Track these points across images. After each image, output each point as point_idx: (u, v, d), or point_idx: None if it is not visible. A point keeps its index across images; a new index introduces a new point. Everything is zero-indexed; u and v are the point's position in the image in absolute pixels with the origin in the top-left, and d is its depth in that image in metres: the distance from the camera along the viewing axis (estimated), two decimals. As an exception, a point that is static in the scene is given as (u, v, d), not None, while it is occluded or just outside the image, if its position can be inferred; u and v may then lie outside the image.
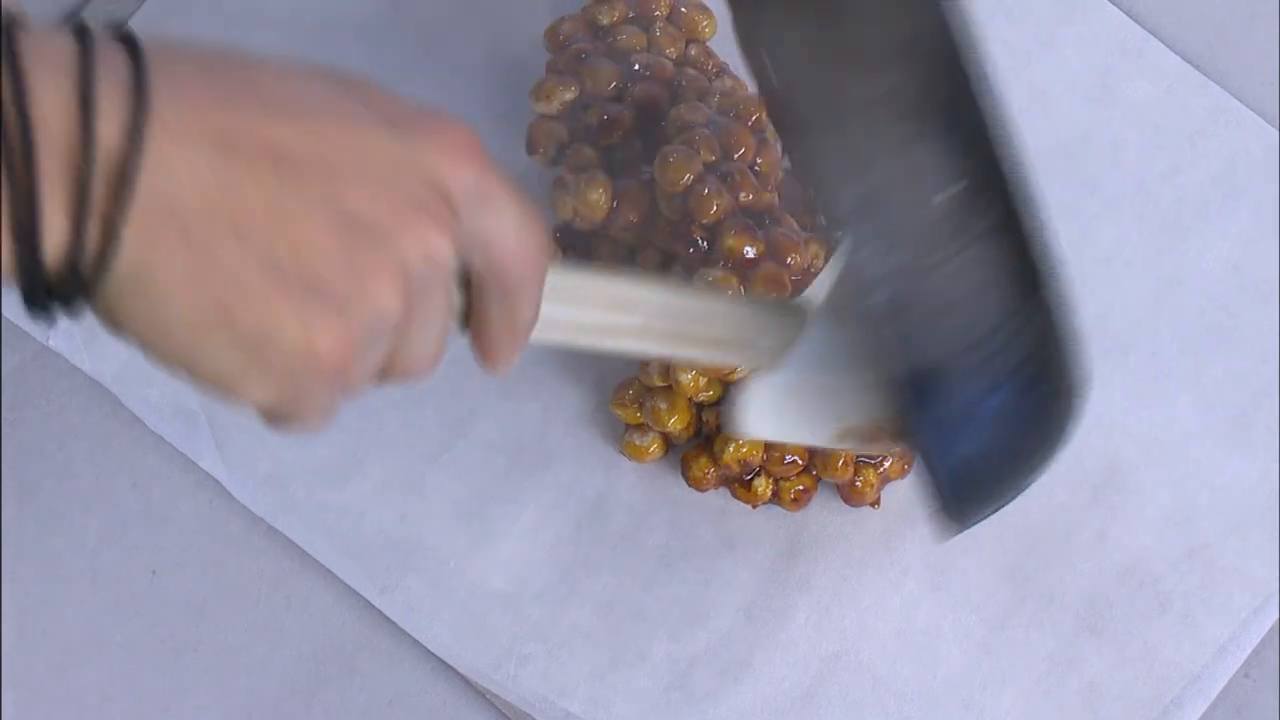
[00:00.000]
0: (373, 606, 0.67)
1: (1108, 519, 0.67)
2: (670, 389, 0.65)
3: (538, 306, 0.48)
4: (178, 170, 0.39)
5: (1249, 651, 0.66)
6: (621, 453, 0.67)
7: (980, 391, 0.50)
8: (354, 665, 0.67)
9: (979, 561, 0.67)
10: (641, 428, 0.67)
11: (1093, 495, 0.67)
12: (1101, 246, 0.69)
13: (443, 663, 0.66)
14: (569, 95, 0.68)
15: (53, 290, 0.39)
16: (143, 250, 0.39)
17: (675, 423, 0.65)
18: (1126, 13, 0.71)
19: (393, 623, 0.67)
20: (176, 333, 0.40)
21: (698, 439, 0.67)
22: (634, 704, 0.65)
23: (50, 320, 0.40)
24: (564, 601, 0.66)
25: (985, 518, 0.56)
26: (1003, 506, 0.56)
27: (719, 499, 0.67)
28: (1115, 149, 0.70)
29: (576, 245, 0.68)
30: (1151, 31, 0.71)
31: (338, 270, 0.41)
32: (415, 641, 0.67)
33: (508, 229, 0.45)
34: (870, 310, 0.48)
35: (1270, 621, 0.66)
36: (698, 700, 0.65)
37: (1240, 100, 0.70)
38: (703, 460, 0.66)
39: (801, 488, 0.66)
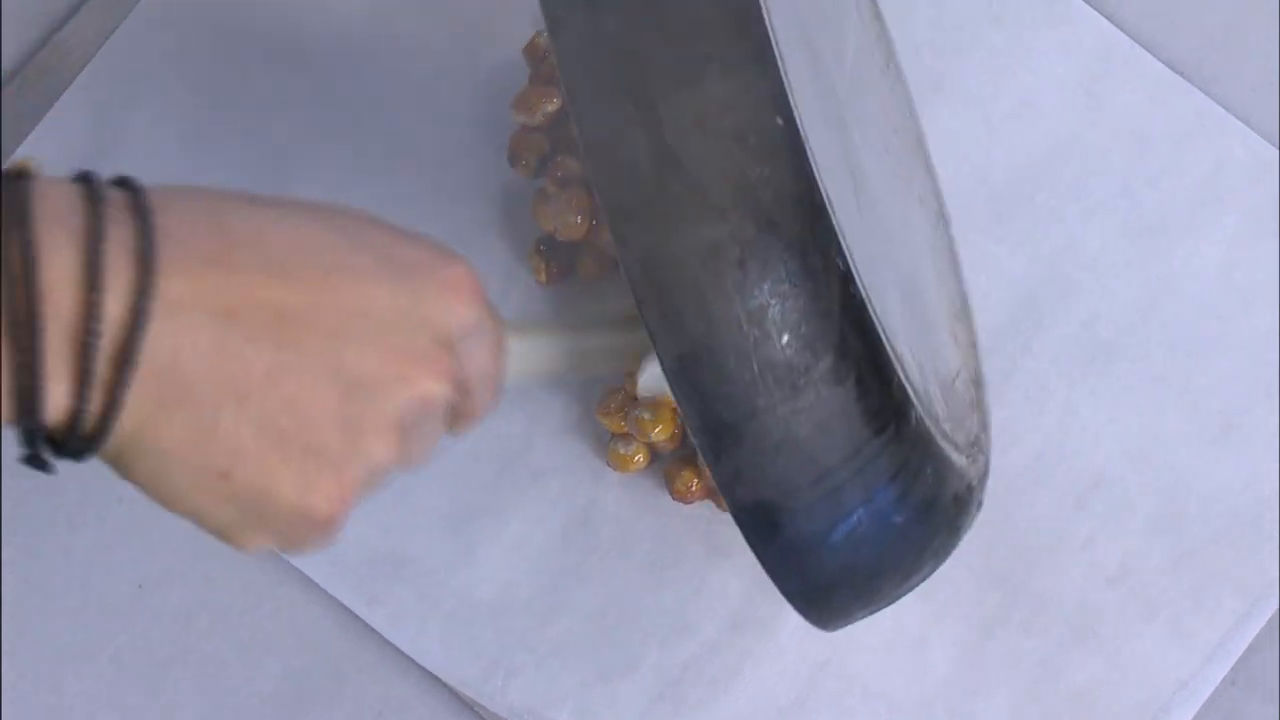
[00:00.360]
0: (359, 619, 0.67)
1: (1095, 526, 0.67)
2: (654, 399, 0.65)
3: (498, 395, 0.49)
4: (181, 340, 0.40)
5: (1236, 658, 0.66)
6: (607, 462, 0.67)
7: (827, 522, 0.49)
8: (341, 678, 0.67)
9: (968, 570, 0.66)
10: (626, 437, 0.67)
11: (1079, 502, 0.67)
12: (1087, 252, 0.69)
13: (430, 675, 0.66)
14: (551, 107, 0.68)
15: (54, 445, 0.40)
16: (144, 415, 0.40)
17: (660, 433, 0.65)
18: (1112, 20, 0.71)
19: (380, 635, 0.67)
20: (177, 489, 0.42)
21: (683, 449, 0.67)
22: (623, 714, 0.65)
23: (48, 470, 0.41)
24: (552, 612, 0.66)
25: (860, 618, 0.54)
26: (875, 611, 0.54)
27: (706, 508, 0.67)
28: (1101, 155, 0.70)
29: (559, 258, 0.68)
30: (1136, 38, 0.71)
31: (335, 429, 0.42)
32: (403, 654, 0.66)
33: (490, 353, 0.47)
34: (704, 445, 0.47)
35: (1258, 628, 0.66)
36: (687, 710, 0.65)
37: (1225, 107, 0.70)
38: (686, 474, 0.66)
39: None
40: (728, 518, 0.66)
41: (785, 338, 0.46)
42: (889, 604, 0.54)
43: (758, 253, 0.45)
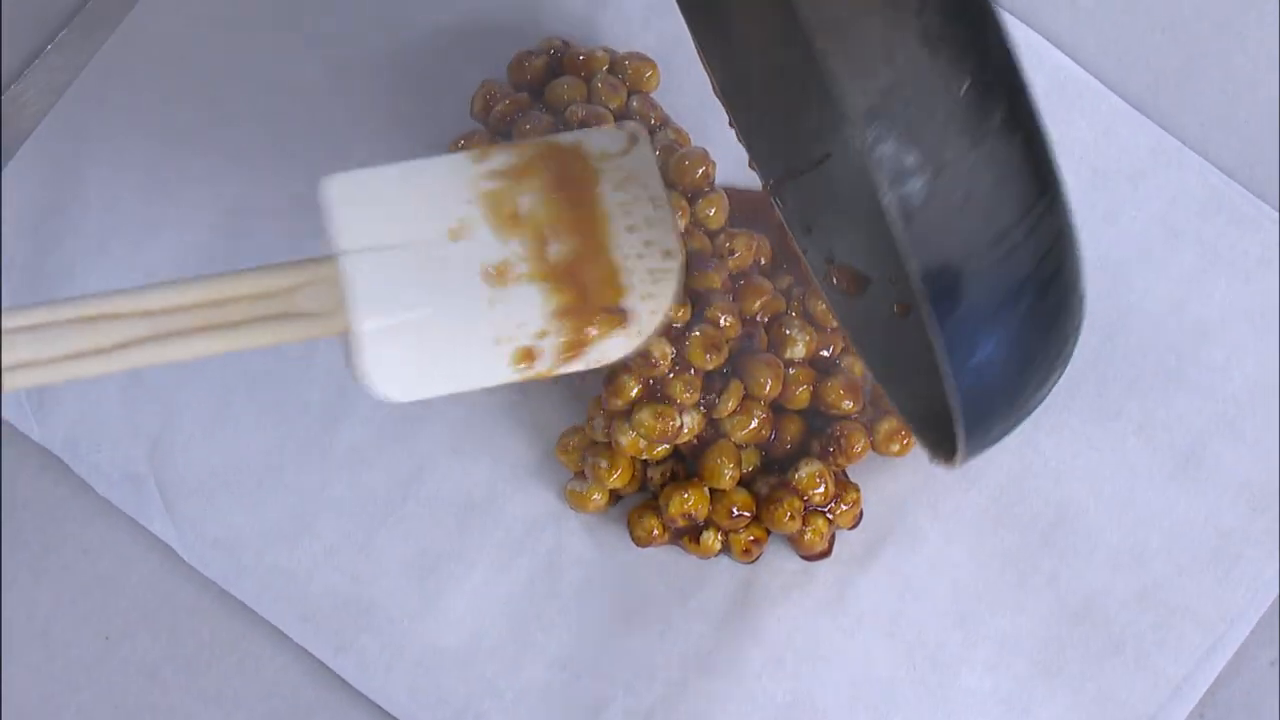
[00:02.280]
0: (327, 668, 0.67)
1: (1058, 562, 0.67)
2: (610, 447, 0.65)
3: None
4: None
5: (1203, 691, 0.66)
6: (565, 502, 0.67)
7: (1000, 291, 0.49)
8: (308, 728, 0.67)
9: (932, 608, 0.67)
10: (583, 475, 0.67)
11: (1043, 538, 0.67)
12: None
13: (398, 723, 0.66)
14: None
15: None
16: None
17: (617, 480, 0.65)
18: (1068, 54, 0.71)
19: (347, 684, 0.66)
20: None
21: (643, 493, 0.67)
22: (591, 759, 0.65)
23: None
24: (518, 658, 0.66)
25: (994, 441, 0.54)
26: (1009, 430, 0.54)
27: (670, 551, 0.67)
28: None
29: None
30: (1093, 73, 0.71)
31: None
32: (370, 703, 0.66)
33: None
34: (895, 205, 0.47)
35: (1224, 661, 0.66)
36: (654, 754, 0.65)
37: (1181, 140, 0.70)
38: (647, 520, 0.66)
39: (752, 539, 0.66)
40: (693, 560, 0.67)
41: (965, 82, 0.47)
42: (1020, 420, 0.54)
43: None
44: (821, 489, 0.65)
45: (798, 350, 0.66)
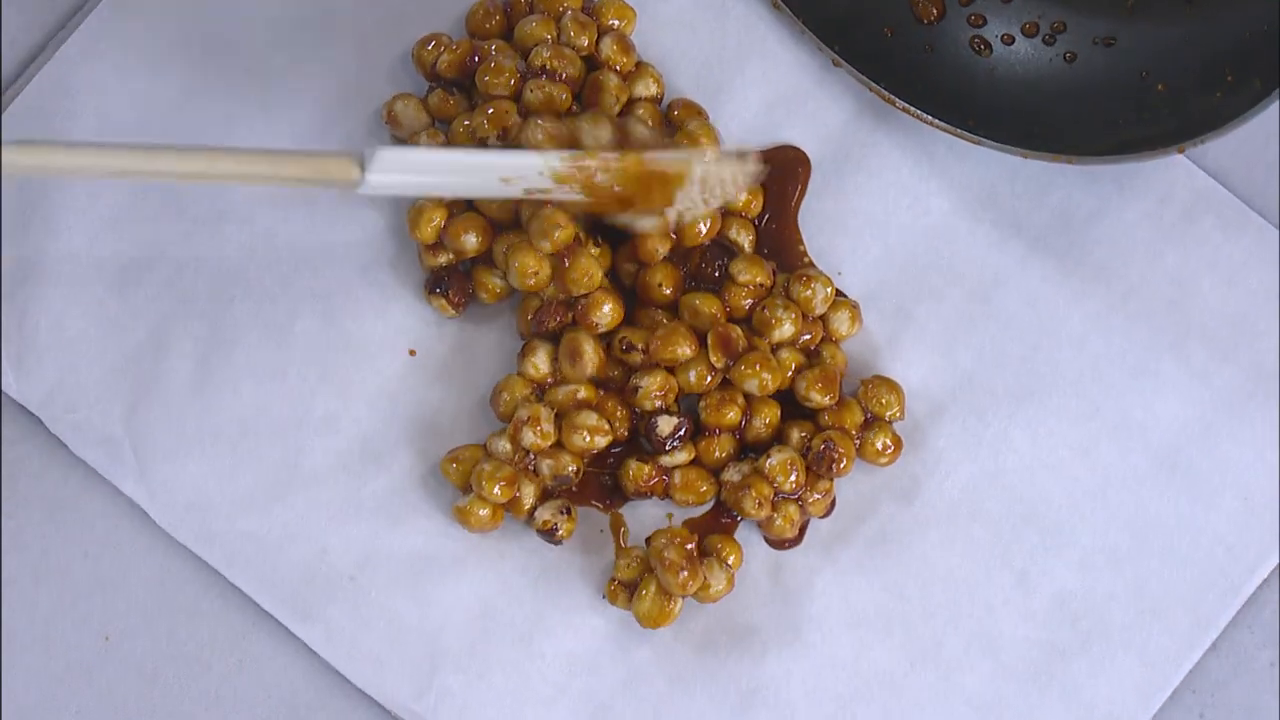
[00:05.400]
0: (326, 669, 0.67)
1: (1028, 560, 0.67)
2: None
3: None
4: None
5: (1168, 694, 0.66)
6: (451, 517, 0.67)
7: None
8: (309, 728, 0.67)
9: (900, 602, 0.66)
10: (468, 489, 0.67)
11: (1014, 535, 0.67)
12: (1025, 289, 0.69)
13: (397, 722, 0.67)
14: (443, 260, 0.68)
15: None
16: None
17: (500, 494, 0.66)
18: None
19: (347, 683, 0.67)
20: None
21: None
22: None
23: None
24: (486, 632, 0.66)
25: None
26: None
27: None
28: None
29: (457, 288, 0.68)
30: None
31: None
32: (370, 701, 0.67)
33: None
34: None
35: (1190, 664, 0.66)
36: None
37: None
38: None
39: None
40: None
41: None
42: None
43: None
44: (794, 477, 0.65)
45: (785, 330, 0.66)
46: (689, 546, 0.65)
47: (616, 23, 0.69)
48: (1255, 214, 0.69)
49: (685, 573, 0.64)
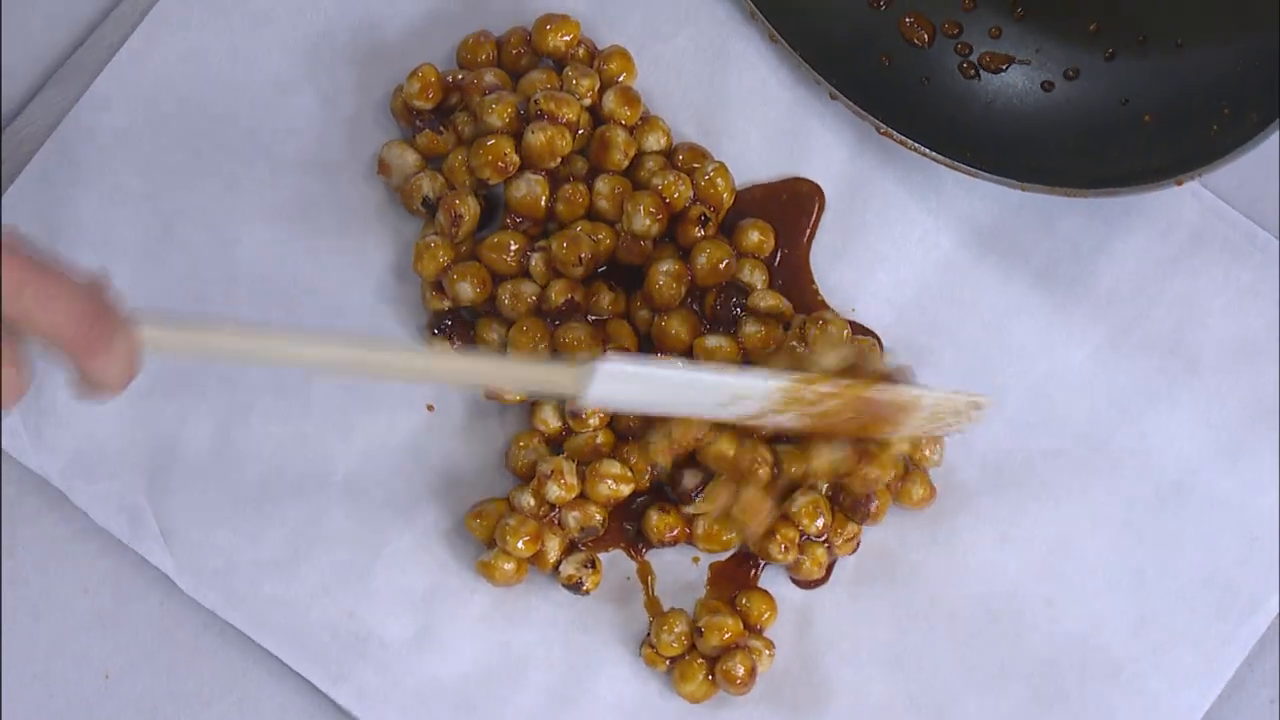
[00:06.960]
0: (324, 706, 0.67)
1: (1055, 587, 0.67)
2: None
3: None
4: None
5: (1200, 716, 0.66)
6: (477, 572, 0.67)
7: None
8: (308, 764, 0.67)
9: (929, 635, 0.67)
10: (492, 543, 0.67)
11: (1042, 563, 0.67)
12: (1038, 318, 0.69)
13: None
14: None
15: None
16: None
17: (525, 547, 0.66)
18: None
19: (346, 717, 0.67)
20: None
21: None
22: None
23: None
24: (515, 685, 0.66)
25: None
26: None
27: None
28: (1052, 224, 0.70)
29: (458, 332, 0.68)
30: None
31: None
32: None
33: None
34: None
35: (1219, 687, 0.67)
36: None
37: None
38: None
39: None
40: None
41: None
42: None
43: None
44: (820, 521, 0.66)
45: (767, 299, 0.67)
46: (738, 644, 0.65)
47: (620, 76, 0.69)
48: (1263, 231, 0.69)
49: (742, 670, 0.64)
